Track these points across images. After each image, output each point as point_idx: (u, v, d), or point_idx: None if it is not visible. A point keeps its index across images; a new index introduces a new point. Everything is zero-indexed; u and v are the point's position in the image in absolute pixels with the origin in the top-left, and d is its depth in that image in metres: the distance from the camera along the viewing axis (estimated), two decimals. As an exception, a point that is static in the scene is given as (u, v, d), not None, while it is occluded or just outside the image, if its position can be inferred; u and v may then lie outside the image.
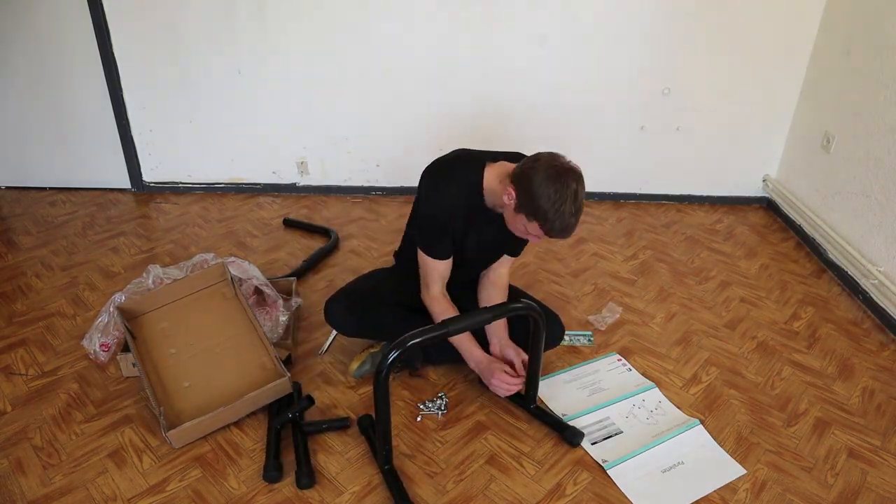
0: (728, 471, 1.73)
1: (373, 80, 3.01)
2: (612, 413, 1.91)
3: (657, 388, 2.01)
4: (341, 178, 3.29)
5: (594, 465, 1.74)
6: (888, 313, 2.34)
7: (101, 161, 3.22)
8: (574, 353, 2.17)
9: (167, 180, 3.29)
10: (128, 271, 2.59)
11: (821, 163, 2.83)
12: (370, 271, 2.17)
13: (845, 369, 2.13)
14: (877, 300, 2.40)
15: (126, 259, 2.69)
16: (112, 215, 3.06)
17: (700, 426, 1.86)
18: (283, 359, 2.03)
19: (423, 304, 1.86)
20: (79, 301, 2.40)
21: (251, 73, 3.01)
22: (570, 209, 1.55)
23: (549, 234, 1.61)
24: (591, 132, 3.12)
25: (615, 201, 3.30)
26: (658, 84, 3.00)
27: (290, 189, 3.31)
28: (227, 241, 2.84)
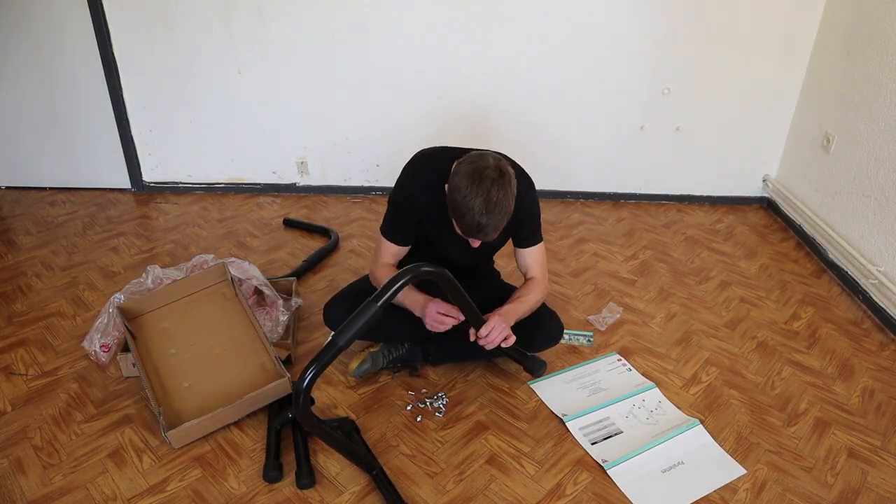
0: (728, 471, 1.73)
1: (373, 79, 3.02)
2: (612, 413, 1.91)
3: (657, 388, 2.01)
4: (341, 178, 3.29)
5: (594, 465, 1.74)
6: (888, 313, 2.34)
7: (101, 161, 3.22)
8: (574, 353, 2.17)
9: (167, 180, 3.29)
10: (128, 271, 2.59)
11: (821, 163, 2.83)
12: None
13: (845, 369, 2.13)
14: (877, 300, 2.40)
15: (126, 259, 2.69)
16: (112, 215, 3.06)
17: (700, 426, 1.86)
18: (283, 359, 2.03)
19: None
20: (79, 301, 2.40)
21: (251, 73, 3.01)
22: (479, 208, 1.52)
23: (463, 233, 1.62)
24: (591, 132, 3.12)
25: (615, 201, 3.30)
26: (658, 84, 3.00)
27: (290, 189, 3.31)
28: (227, 241, 2.84)
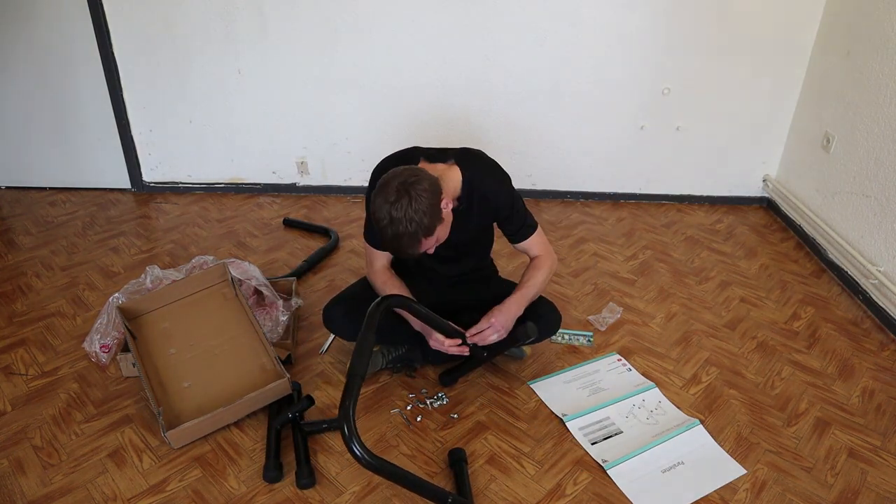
0: (728, 471, 1.73)
1: (373, 79, 3.01)
2: (612, 413, 1.91)
3: (657, 388, 2.01)
4: (341, 178, 3.29)
5: (594, 465, 1.74)
6: (888, 313, 2.34)
7: (101, 161, 3.22)
8: (574, 353, 2.17)
9: (167, 180, 3.29)
10: (128, 271, 2.59)
11: (821, 163, 2.83)
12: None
13: (845, 369, 2.13)
14: (877, 300, 2.40)
15: (126, 259, 2.69)
16: (112, 215, 3.06)
17: (700, 426, 1.86)
18: (283, 359, 2.03)
19: (422, 299, 1.85)
20: (79, 301, 2.40)
21: (251, 73, 3.01)
22: (388, 230, 1.53)
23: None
24: (592, 132, 3.12)
25: (615, 201, 3.30)
26: (658, 84, 3.00)
27: (290, 189, 3.31)
28: (227, 242, 2.84)
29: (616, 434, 1.84)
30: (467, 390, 1.99)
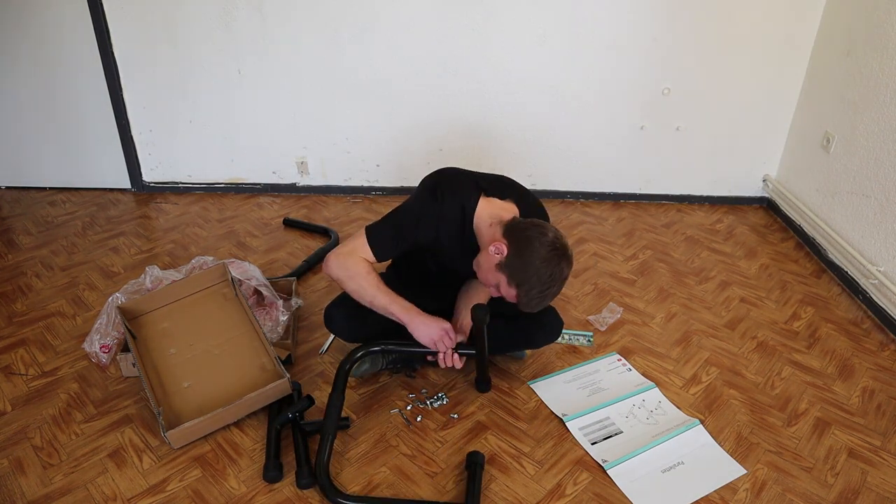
0: (728, 471, 1.73)
1: (373, 79, 3.02)
2: (612, 413, 1.91)
3: (657, 388, 2.01)
4: (341, 178, 3.29)
5: (594, 465, 1.74)
6: (888, 313, 2.34)
7: (101, 161, 3.22)
8: (574, 353, 2.17)
9: (167, 180, 3.29)
10: (128, 271, 2.59)
11: (821, 163, 2.83)
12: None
13: (845, 369, 2.13)
14: (877, 300, 2.40)
15: (126, 259, 2.69)
16: (112, 215, 3.06)
17: (700, 426, 1.86)
18: (283, 359, 2.03)
19: (422, 307, 1.84)
20: (79, 301, 2.40)
21: (251, 73, 3.01)
22: (554, 292, 1.62)
23: (520, 306, 1.64)
24: (592, 132, 3.12)
25: (615, 201, 3.30)
26: (658, 84, 3.00)
27: (290, 189, 3.31)
28: (227, 242, 2.84)
29: (616, 434, 1.84)
30: (467, 390, 1.99)
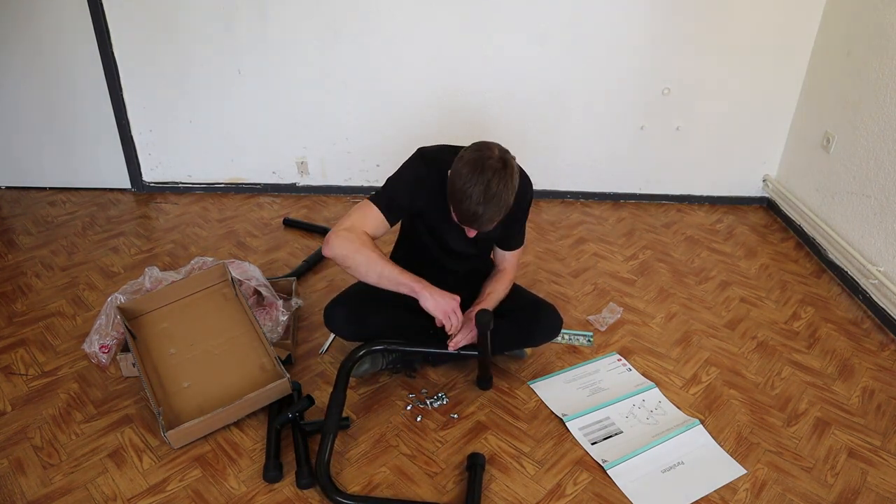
0: (728, 471, 1.73)
1: (373, 79, 3.01)
2: (612, 413, 1.91)
3: (657, 388, 2.01)
4: (341, 178, 3.29)
5: (594, 465, 1.74)
6: (888, 313, 2.34)
7: (101, 161, 3.22)
8: (574, 353, 2.17)
9: (167, 180, 3.29)
10: (128, 271, 2.59)
11: (821, 163, 2.83)
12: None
13: (845, 369, 2.13)
14: (877, 300, 2.40)
15: (126, 259, 2.69)
16: (112, 215, 3.06)
17: (700, 426, 1.86)
18: (283, 359, 2.03)
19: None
20: (79, 301, 2.40)
21: (251, 73, 3.01)
22: (477, 197, 1.53)
23: (459, 220, 1.63)
24: (592, 132, 3.12)
25: (615, 201, 3.30)
26: (658, 84, 3.00)
27: (290, 189, 3.31)
28: (227, 242, 2.84)
29: (616, 434, 1.84)
30: (467, 390, 1.99)
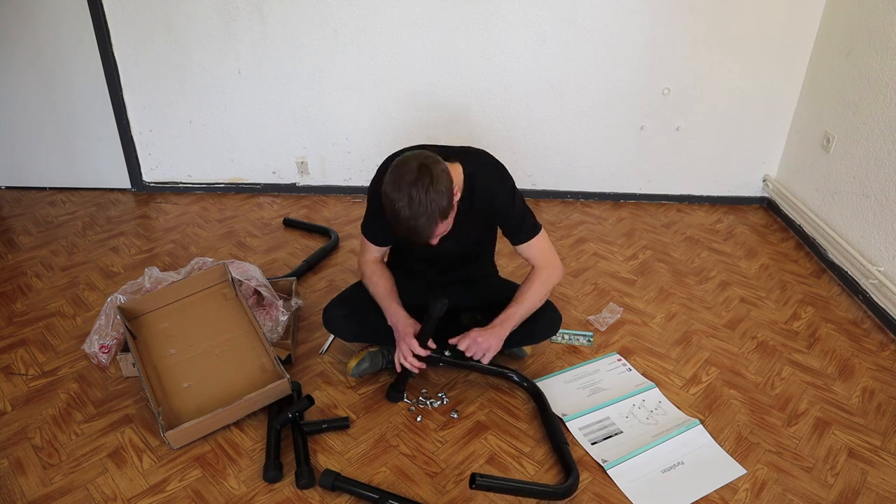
0: (728, 471, 1.73)
1: (373, 79, 3.02)
2: (612, 413, 1.91)
3: (657, 388, 2.01)
4: (341, 178, 3.29)
5: (594, 465, 1.74)
6: (888, 313, 2.34)
7: (101, 161, 3.22)
8: (574, 353, 2.17)
9: (167, 180, 3.29)
10: (128, 271, 2.59)
11: (821, 163, 2.83)
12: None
13: (845, 369, 2.13)
14: (877, 300, 2.40)
15: (126, 259, 2.69)
16: (112, 215, 3.06)
17: (700, 426, 1.86)
18: (283, 359, 2.03)
19: (422, 307, 1.84)
20: (79, 301, 2.40)
21: (251, 73, 3.01)
22: (405, 212, 1.50)
23: (403, 237, 1.59)
24: (592, 132, 3.12)
25: (615, 201, 3.30)
26: (658, 84, 3.00)
27: (290, 189, 3.31)
28: (227, 242, 2.84)
29: (616, 434, 1.84)
30: (467, 390, 1.99)
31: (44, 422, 1.84)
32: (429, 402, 1.93)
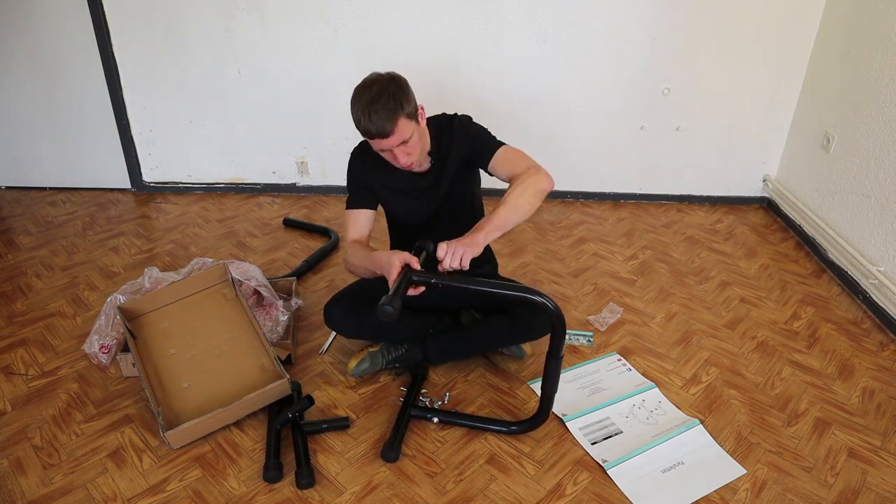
0: (728, 471, 1.73)
1: (373, 80, 3.01)
2: (612, 413, 1.91)
3: (657, 388, 2.01)
4: (341, 178, 3.26)
5: (594, 465, 1.74)
6: (888, 313, 2.34)
7: (101, 161, 3.22)
8: (574, 353, 2.17)
9: (167, 180, 3.29)
10: (128, 271, 2.59)
11: (821, 163, 2.83)
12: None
13: (845, 369, 2.13)
14: (877, 300, 2.40)
15: (126, 259, 2.69)
16: (112, 215, 3.06)
17: (700, 426, 1.86)
18: (283, 359, 2.03)
19: (422, 303, 1.83)
20: (79, 301, 2.40)
21: (251, 73, 3.01)
22: (365, 102, 1.59)
23: (365, 135, 1.66)
24: (591, 132, 3.12)
25: (615, 201, 3.30)
26: (658, 84, 3.00)
27: (290, 189, 3.31)
28: (227, 242, 2.84)
29: (616, 434, 1.84)
30: (467, 390, 1.99)
31: (44, 422, 1.84)
32: (429, 402, 1.93)
